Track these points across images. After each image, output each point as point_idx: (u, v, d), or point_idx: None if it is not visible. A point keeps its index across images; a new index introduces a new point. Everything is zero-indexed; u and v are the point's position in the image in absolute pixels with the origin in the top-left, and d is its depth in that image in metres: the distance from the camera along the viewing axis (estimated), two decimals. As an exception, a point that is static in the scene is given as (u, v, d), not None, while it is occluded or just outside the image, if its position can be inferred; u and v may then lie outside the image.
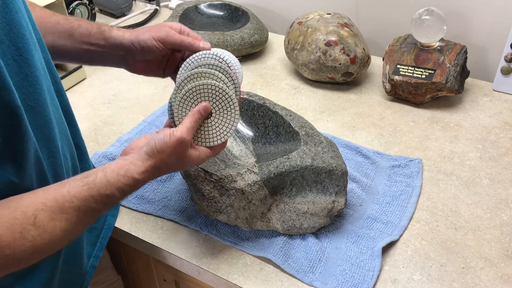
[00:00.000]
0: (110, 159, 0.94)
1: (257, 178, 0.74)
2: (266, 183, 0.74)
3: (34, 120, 0.57)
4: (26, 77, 0.55)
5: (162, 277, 0.92)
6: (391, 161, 0.93)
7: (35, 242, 0.50)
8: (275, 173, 0.74)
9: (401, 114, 1.07)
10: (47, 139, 0.60)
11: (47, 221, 0.51)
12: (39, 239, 0.50)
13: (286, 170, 0.74)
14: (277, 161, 0.75)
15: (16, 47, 0.54)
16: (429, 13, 1.07)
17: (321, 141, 0.79)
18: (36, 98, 0.57)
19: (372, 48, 1.27)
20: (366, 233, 0.78)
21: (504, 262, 0.74)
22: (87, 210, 0.55)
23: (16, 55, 0.54)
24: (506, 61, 1.10)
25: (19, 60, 0.54)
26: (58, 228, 0.52)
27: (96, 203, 0.56)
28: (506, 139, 0.99)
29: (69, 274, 0.69)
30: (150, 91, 1.18)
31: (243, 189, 0.73)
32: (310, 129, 0.81)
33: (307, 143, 0.78)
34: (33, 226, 0.50)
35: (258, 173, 0.74)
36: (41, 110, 0.58)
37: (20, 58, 0.54)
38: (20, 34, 0.54)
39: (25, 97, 0.55)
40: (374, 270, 0.72)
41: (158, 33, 0.71)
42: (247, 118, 0.87)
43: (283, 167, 0.74)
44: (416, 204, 0.84)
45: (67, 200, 0.54)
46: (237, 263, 0.76)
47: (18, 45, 0.54)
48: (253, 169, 0.75)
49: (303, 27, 1.16)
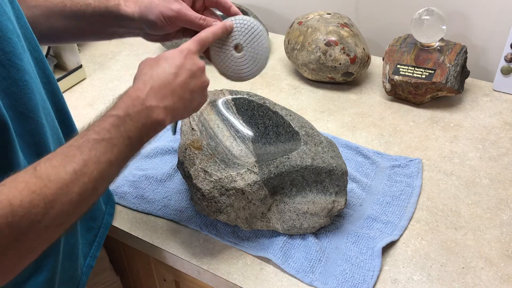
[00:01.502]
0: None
1: (257, 178, 0.74)
2: (266, 183, 0.74)
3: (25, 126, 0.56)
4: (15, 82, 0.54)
5: (162, 277, 0.92)
6: (391, 161, 0.93)
7: (42, 193, 0.45)
8: (275, 173, 0.74)
9: (401, 114, 1.07)
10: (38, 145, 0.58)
11: (49, 170, 0.47)
12: (45, 189, 0.46)
13: (286, 170, 0.74)
14: (277, 161, 0.75)
15: (3, 51, 0.52)
16: (429, 13, 1.08)
17: (321, 141, 0.79)
18: (26, 103, 0.55)
19: (372, 48, 1.27)
20: (366, 233, 0.78)
21: (504, 262, 0.74)
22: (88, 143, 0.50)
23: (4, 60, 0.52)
24: (506, 61, 1.10)
25: (6, 65, 0.53)
26: (63, 171, 0.47)
27: (97, 134, 0.51)
28: (506, 139, 0.99)
29: (67, 274, 0.69)
30: (150, 91, 1.18)
31: (243, 189, 0.73)
32: (310, 129, 0.81)
33: (307, 143, 0.78)
34: (35, 178, 0.46)
35: (258, 173, 0.74)
36: (32, 115, 0.57)
37: (8, 62, 0.53)
38: (7, 38, 0.53)
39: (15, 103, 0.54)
40: (374, 270, 0.72)
41: (167, 12, 0.67)
42: (247, 118, 0.87)
43: (283, 167, 0.74)
44: (416, 204, 0.84)
45: (65, 146, 0.50)
46: (237, 263, 0.76)
47: (5, 50, 0.53)
48: (253, 169, 0.75)
49: (303, 27, 1.16)
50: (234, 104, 0.88)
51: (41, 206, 0.45)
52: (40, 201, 0.45)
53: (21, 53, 0.55)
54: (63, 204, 0.47)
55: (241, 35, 0.70)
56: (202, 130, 0.82)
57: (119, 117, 0.54)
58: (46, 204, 0.46)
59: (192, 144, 0.79)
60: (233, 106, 0.88)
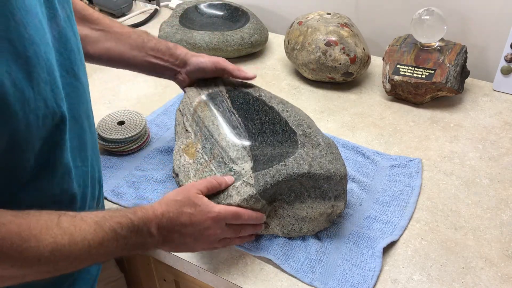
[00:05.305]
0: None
1: (253, 191, 0.71)
2: (263, 194, 0.72)
3: (74, 129, 0.61)
4: (74, 89, 0.60)
5: (162, 277, 0.92)
6: (391, 161, 0.93)
7: (56, 239, 0.51)
8: (271, 184, 0.72)
9: (401, 114, 1.07)
10: (79, 149, 0.63)
11: (68, 224, 0.53)
12: (60, 237, 0.52)
13: (283, 179, 0.72)
14: (274, 169, 0.73)
15: (69, 61, 0.59)
16: (429, 13, 1.08)
17: (318, 143, 0.77)
18: (78, 109, 0.62)
19: (372, 48, 1.27)
20: (366, 233, 0.78)
21: (504, 262, 0.74)
22: (103, 226, 0.56)
23: (69, 68, 0.59)
24: (506, 61, 1.10)
25: (71, 72, 0.59)
26: (78, 234, 0.53)
27: (111, 220, 0.57)
28: (506, 139, 0.99)
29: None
30: (150, 91, 1.18)
31: (239, 204, 0.71)
32: (308, 128, 0.80)
33: (304, 145, 0.77)
34: (56, 226, 0.52)
35: (254, 185, 0.71)
36: (80, 121, 0.63)
37: (72, 71, 0.60)
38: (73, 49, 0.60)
39: (71, 107, 0.59)
40: (375, 271, 0.72)
41: (213, 58, 0.86)
42: (243, 112, 0.85)
43: (279, 176, 0.72)
44: (416, 204, 0.84)
45: (85, 215, 0.56)
46: (237, 263, 0.76)
47: (71, 59, 0.60)
48: (248, 180, 0.72)
49: (303, 27, 1.16)
50: (229, 97, 0.86)
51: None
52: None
53: (79, 65, 0.62)
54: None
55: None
56: (196, 131, 0.81)
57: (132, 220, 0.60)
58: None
59: (187, 150, 0.78)
60: (227, 99, 0.86)
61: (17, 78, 0.46)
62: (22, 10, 0.47)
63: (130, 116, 0.98)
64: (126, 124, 0.96)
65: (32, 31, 0.48)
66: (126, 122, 0.97)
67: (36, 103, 0.50)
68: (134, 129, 0.95)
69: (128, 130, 0.95)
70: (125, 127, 0.96)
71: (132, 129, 0.95)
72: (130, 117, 0.98)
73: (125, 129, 0.95)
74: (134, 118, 0.98)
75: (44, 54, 0.50)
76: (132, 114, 0.99)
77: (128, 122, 0.97)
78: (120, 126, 0.96)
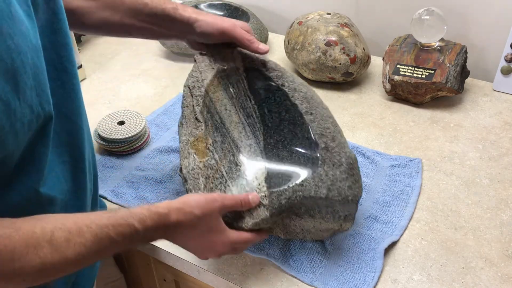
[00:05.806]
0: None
1: (267, 214, 0.66)
2: (276, 214, 0.67)
3: (63, 125, 0.59)
4: (62, 84, 0.59)
5: (162, 277, 0.92)
6: (391, 161, 0.93)
7: (45, 259, 0.49)
8: (286, 206, 0.67)
9: (401, 114, 1.07)
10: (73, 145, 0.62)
11: (62, 241, 0.51)
12: (49, 256, 0.50)
13: (299, 202, 0.68)
14: (290, 190, 0.67)
15: (58, 55, 0.58)
16: (429, 13, 1.08)
17: (341, 163, 0.70)
18: (69, 106, 0.60)
19: (372, 48, 1.27)
20: (367, 233, 0.78)
21: (504, 262, 0.74)
22: (104, 238, 0.54)
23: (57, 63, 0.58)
24: (506, 61, 1.10)
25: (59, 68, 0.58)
26: (71, 250, 0.51)
27: (115, 233, 0.54)
28: (506, 139, 0.99)
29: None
30: (150, 91, 1.18)
31: (251, 228, 0.67)
32: (331, 141, 0.72)
33: (325, 162, 0.70)
34: (47, 243, 0.50)
35: (268, 207, 0.66)
36: (71, 116, 0.61)
37: (60, 66, 0.58)
38: (65, 44, 0.58)
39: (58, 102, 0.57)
40: (376, 271, 0.72)
41: (220, 24, 0.75)
42: (260, 99, 0.75)
43: (295, 198, 0.67)
44: (416, 204, 0.84)
45: (86, 224, 0.53)
46: (237, 263, 0.76)
47: (61, 54, 0.58)
48: (263, 200, 0.66)
49: (303, 27, 1.16)
50: (247, 77, 0.77)
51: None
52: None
53: (73, 60, 0.60)
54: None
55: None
56: (207, 120, 0.73)
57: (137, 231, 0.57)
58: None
59: (196, 145, 0.71)
60: (244, 80, 0.77)
61: (3, 91, 0.45)
62: (8, 20, 0.45)
63: (130, 116, 0.98)
64: (126, 124, 0.96)
65: (19, 40, 0.46)
66: (126, 122, 0.97)
67: (22, 111, 0.48)
68: (134, 129, 0.95)
69: (128, 130, 0.95)
70: (125, 127, 0.96)
71: (132, 129, 0.95)
72: (130, 117, 0.98)
73: (125, 129, 0.95)
74: (134, 118, 0.98)
75: (31, 60, 0.49)
76: (132, 114, 0.99)
77: (128, 122, 0.97)
78: (120, 126, 0.96)
